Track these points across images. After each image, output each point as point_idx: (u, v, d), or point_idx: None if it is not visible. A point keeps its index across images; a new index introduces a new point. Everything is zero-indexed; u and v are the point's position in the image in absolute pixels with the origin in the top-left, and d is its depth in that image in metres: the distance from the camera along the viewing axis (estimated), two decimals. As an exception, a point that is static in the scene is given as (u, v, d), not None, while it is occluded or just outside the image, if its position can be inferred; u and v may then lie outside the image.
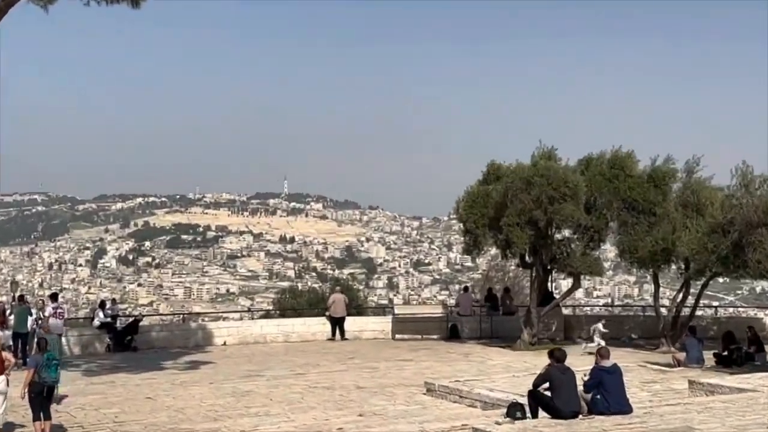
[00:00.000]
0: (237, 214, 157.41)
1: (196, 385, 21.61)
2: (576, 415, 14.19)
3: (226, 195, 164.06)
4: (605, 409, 14.33)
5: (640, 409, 14.75)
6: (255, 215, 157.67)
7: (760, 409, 14.59)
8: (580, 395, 14.57)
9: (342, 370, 24.11)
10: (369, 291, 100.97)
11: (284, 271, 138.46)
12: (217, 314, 51.59)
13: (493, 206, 28.66)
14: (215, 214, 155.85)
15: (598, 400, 14.53)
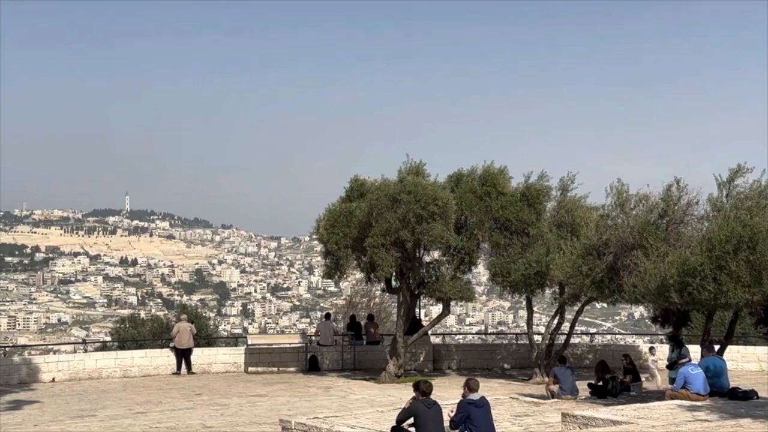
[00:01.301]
0: (71, 233, 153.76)
1: (19, 428, 20.91)
2: (443, 453, 14.38)
3: (59, 212, 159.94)
4: (473, 445, 14.57)
5: (511, 445, 15.06)
6: (92, 234, 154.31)
7: (635, 443, 15.09)
8: (447, 431, 14.77)
9: (188, 408, 23.76)
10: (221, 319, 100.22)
11: (125, 297, 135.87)
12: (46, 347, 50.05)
13: (357, 225, 28.66)
14: (45, 233, 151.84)
15: (465, 436, 14.75)
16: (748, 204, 23.04)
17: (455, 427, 14.89)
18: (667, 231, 24.58)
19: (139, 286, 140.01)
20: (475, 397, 15.08)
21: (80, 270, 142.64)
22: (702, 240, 22.56)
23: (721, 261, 21.29)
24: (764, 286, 21.31)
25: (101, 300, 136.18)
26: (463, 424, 14.84)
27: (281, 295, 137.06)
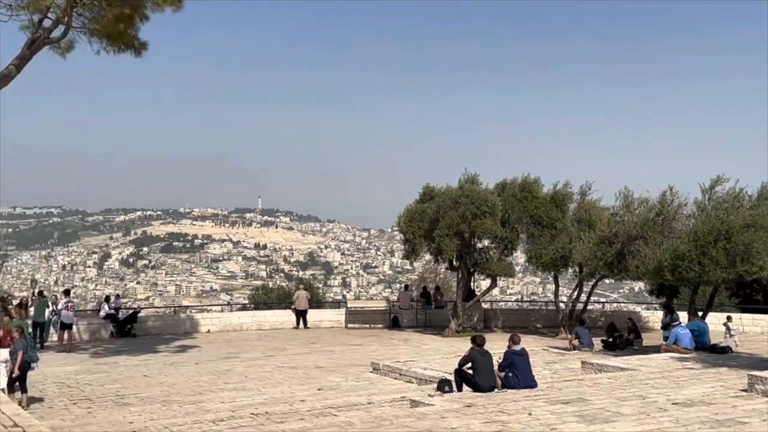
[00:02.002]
0: (219, 225, 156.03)
1: (184, 365, 21.32)
2: (493, 389, 14.28)
3: (211, 210, 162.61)
4: (516, 384, 14.43)
5: (544, 384, 14.88)
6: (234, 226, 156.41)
7: (638, 384, 14.82)
8: (496, 373, 14.66)
9: (305, 353, 23.97)
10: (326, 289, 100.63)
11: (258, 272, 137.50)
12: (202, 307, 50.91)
13: (428, 221, 28.72)
14: (201, 225, 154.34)
15: (510, 378, 14.62)
16: (725, 206, 22.54)
17: (502, 369, 14.78)
18: (663, 225, 24.21)
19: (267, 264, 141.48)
20: (517, 348, 14.95)
21: (226, 252, 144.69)
22: (689, 232, 22.20)
23: (704, 248, 21.00)
24: (737, 267, 20.96)
25: (241, 274, 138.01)
26: (508, 368, 14.72)
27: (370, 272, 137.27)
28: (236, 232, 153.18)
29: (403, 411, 12.85)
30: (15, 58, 19.41)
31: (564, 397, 13.38)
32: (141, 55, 20.98)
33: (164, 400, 16.16)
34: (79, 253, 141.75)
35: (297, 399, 15.63)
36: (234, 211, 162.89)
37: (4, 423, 12.85)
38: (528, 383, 14.48)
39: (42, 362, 21.64)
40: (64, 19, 19.18)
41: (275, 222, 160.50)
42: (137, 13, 19.58)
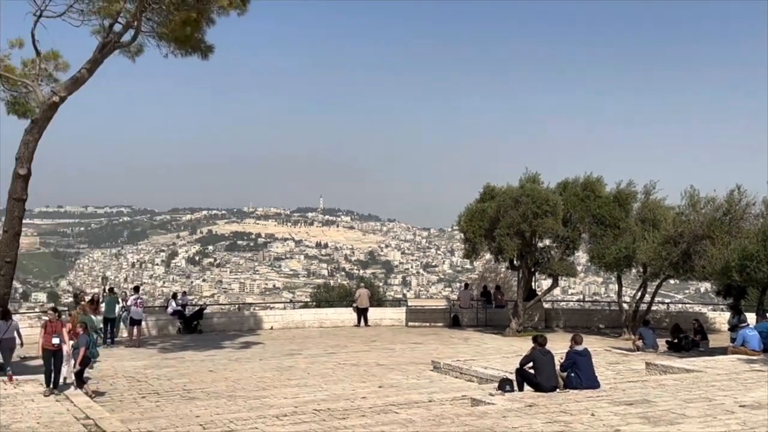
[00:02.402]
0: (282, 224, 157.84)
1: (248, 361, 21.62)
2: (554, 389, 14.11)
3: (274, 209, 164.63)
4: (578, 385, 14.24)
5: (607, 385, 14.64)
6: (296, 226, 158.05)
7: (704, 386, 14.45)
8: (558, 373, 14.49)
9: (365, 351, 24.06)
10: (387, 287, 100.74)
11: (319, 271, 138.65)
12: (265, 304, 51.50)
13: (488, 220, 28.52)
14: (264, 224, 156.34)
15: (572, 378, 14.43)
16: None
17: (564, 369, 14.60)
18: (730, 225, 23.64)
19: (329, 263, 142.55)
20: (579, 348, 14.75)
21: (288, 251, 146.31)
22: (758, 232, 21.58)
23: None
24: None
25: (303, 272, 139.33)
26: (570, 368, 14.53)
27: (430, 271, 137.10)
28: (298, 231, 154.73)
29: (463, 409, 12.80)
30: (87, 62, 19.98)
31: (628, 398, 13.14)
32: (207, 58, 21.37)
33: (229, 394, 16.43)
34: (148, 251, 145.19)
35: (358, 396, 15.72)
36: (296, 211, 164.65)
37: (77, 415, 13.27)
38: (590, 384, 14.26)
39: (112, 357, 22.33)
40: (134, 23, 19.67)
41: (336, 221, 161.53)
42: (203, 16, 19.93)
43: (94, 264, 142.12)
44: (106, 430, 12.07)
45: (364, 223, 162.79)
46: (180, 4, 19.16)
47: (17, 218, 20.07)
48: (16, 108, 21.87)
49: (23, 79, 20.99)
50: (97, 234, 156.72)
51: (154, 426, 12.72)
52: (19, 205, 19.91)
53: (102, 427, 12.24)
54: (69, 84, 19.94)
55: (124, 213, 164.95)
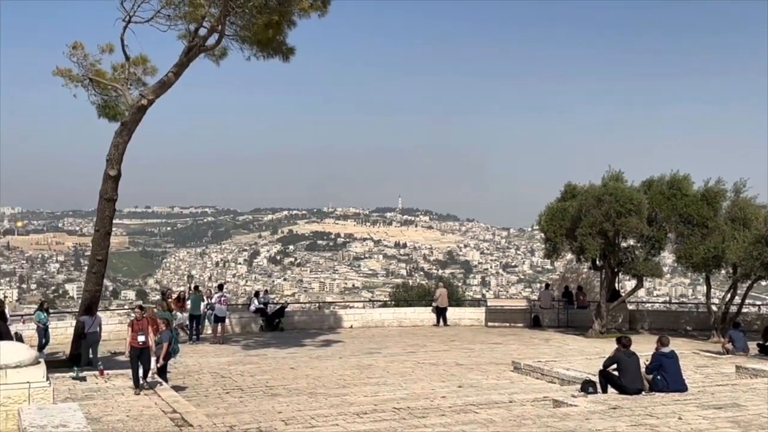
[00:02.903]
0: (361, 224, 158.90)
1: (329, 359, 21.86)
2: (639, 392, 13.78)
3: (353, 209, 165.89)
4: (664, 387, 13.88)
5: (694, 388, 14.22)
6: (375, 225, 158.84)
7: (800, 392, 13.86)
8: (643, 376, 14.15)
9: (445, 350, 24.01)
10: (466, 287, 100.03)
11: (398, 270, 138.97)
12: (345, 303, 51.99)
13: (570, 219, 28.09)
14: (344, 224, 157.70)
15: (658, 380, 14.08)
16: None
17: (650, 372, 14.25)
18: (826, 224, 22.54)
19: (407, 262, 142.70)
20: (666, 350, 14.37)
21: (367, 250, 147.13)
22: None
23: None
24: None
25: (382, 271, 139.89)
26: (656, 370, 14.18)
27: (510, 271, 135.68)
28: (377, 231, 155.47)
29: (545, 411, 12.63)
30: (173, 66, 20.56)
31: (717, 401, 12.72)
32: (288, 60, 21.71)
33: (310, 392, 16.65)
34: (231, 251, 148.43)
35: (438, 395, 15.70)
36: (375, 211, 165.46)
37: (164, 409, 13.68)
38: (677, 386, 13.87)
39: (197, 353, 22.93)
40: (218, 27, 20.14)
41: (415, 221, 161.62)
42: (285, 19, 20.26)
43: (180, 263, 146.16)
44: (192, 423, 12.40)
45: (442, 222, 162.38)
46: (262, 8, 19.52)
47: (108, 218, 20.83)
48: (106, 111, 22.67)
49: (113, 83, 21.74)
50: (182, 233, 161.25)
51: (238, 421, 13.00)
52: (109, 205, 20.65)
53: (188, 421, 12.59)
54: (156, 87, 20.57)
55: (208, 213, 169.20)
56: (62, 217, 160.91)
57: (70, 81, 21.53)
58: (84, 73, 21.58)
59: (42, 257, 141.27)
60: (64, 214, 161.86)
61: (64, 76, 21.42)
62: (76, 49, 21.24)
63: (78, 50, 21.26)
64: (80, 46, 21.26)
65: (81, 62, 21.42)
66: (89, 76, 21.65)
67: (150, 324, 15.96)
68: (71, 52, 21.25)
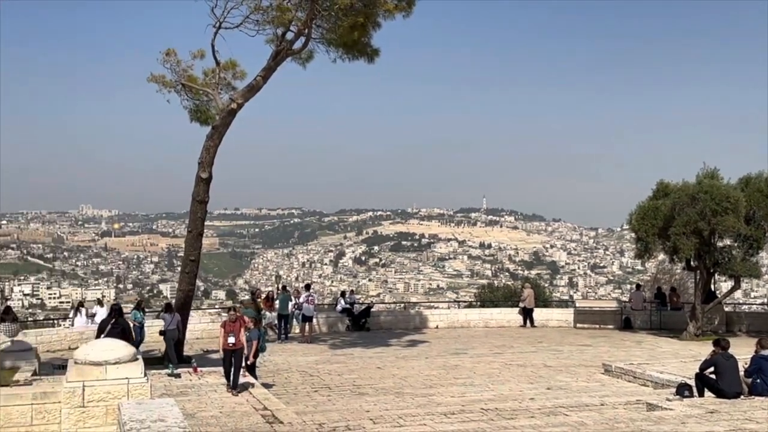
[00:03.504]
0: (445, 225, 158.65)
1: (415, 359, 21.86)
2: (738, 396, 13.28)
3: (437, 210, 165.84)
4: (764, 391, 13.33)
5: (798, 394, 13.57)
6: (459, 226, 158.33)
7: None
8: (742, 379, 13.62)
9: (532, 352, 23.69)
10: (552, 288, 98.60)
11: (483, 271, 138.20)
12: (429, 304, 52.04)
13: (662, 218, 27.25)
14: (428, 224, 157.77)
15: (757, 384, 13.53)
16: None
17: (749, 375, 13.71)
18: None
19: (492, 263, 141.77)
20: (766, 353, 13.78)
21: (451, 251, 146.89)
22: None
23: None
24: None
25: (466, 272, 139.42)
26: (756, 373, 13.63)
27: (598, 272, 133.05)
28: (461, 232, 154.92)
29: (638, 414, 12.31)
30: (261, 70, 20.99)
31: (823, 409, 12.12)
32: (373, 62, 21.85)
33: (397, 391, 16.69)
34: (317, 251, 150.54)
35: (526, 397, 15.50)
36: (459, 211, 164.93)
37: (255, 406, 13.96)
38: (779, 391, 13.29)
39: (286, 352, 23.33)
40: (305, 30, 20.44)
41: (500, 221, 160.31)
42: (370, 20, 20.40)
43: (268, 263, 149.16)
44: (283, 421, 12.61)
45: (528, 223, 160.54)
46: (348, 10, 19.69)
47: (200, 219, 21.43)
48: (198, 116, 23.27)
49: (204, 88, 22.31)
50: (270, 235, 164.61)
51: (327, 419, 13.14)
52: (201, 207, 21.23)
53: (279, 418, 12.81)
54: (245, 91, 21.03)
55: (295, 215, 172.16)
56: (156, 219, 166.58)
57: (163, 87, 22.17)
58: (177, 78, 22.18)
59: (137, 258, 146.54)
60: (158, 216, 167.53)
61: (158, 82, 22.08)
62: (169, 55, 21.87)
63: (171, 57, 21.88)
64: (173, 52, 21.87)
65: (174, 68, 22.05)
66: (182, 82, 22.24)
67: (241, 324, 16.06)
68: (164, 59, 21.90)
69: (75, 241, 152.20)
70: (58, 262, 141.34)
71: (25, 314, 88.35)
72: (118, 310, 18.89)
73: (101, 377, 10.24)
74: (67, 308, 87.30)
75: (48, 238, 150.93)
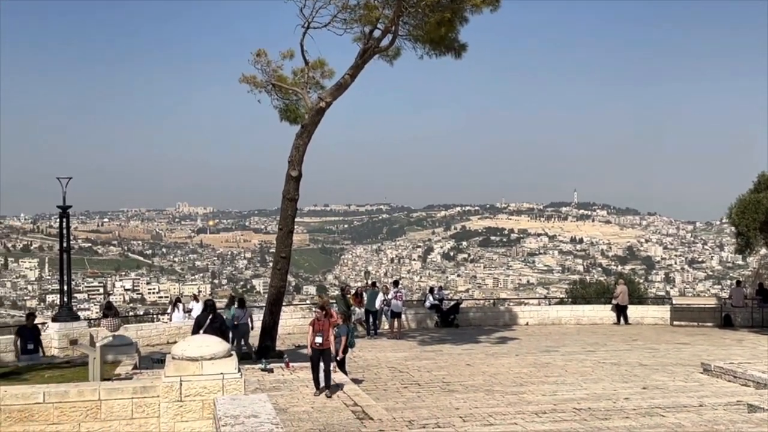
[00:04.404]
0: (535, 219, 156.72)
1: (505, 356, 21.65)
2: None
3: (526, 204, 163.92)
4: None
5: None
6: (549, 221, 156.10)
7: None
8: None
9: (626, 350, 23.10)
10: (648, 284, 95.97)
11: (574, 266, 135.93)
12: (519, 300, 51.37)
13: (764, 212, 26.15)
14: (517, 219, 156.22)
15: None
16: None
17: None
18: None
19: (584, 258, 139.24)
20: None
21: (541, 246, 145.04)
22: None
23: None
24: None
25: (557, 268, 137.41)
26: None
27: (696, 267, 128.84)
28: (552, 227, 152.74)
29: (739, 416, 11.84)
30: (349, 68, 21.14)
31: None
32: (460, 57, 21.68)
33: (487, 389, 16.55)
34: (405, 247, 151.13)
35: (620, 397, 15.12)
36: (549, 206, 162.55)
37: (346, 402, 14.11)
38: None
39: (375, 348, 23.49)
40: (391, 28, 20.47)
41: (591, 215, 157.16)
42: (457, 16, 20.25)
43: (357, 259, 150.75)
44: (373, 417, 12.71)
45: (621, 216, 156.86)
46: (435, 6, 19.62)
47: (290, 217, 21.78)
48: (287, 115, 23.64)
49: (294, 87, 22.66)
50: (358, 231, 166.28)
51: (416, 416, 13.17)
52: (291, 204, 21.58)
53: (369, 414, 12.91)
54: (334, 90, 21.23)
55: (383, 210, 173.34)
56: (249, 216, 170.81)
57: (254, 87, 22.64)
58: (267, 79, 22.60)
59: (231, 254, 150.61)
60: (251, 213, 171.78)
61: (249, 82, 22.56)
62: (260, 56, 22.30)
63: (261, 57, 22.31)
64: (263, 53, 22.30)
65: (264, 69, 22.47)
66: (272, 82, 22.65)
67: (330, 323, 15.78)
68: (255, 60, 22.34)
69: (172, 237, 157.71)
70: (156, 258, 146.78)
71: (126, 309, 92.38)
72: (212, 306, 19.39)
73: (197, 372, 10.53)
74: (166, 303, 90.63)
75: (147, 235, 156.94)
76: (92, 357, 15.20)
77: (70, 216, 23.52)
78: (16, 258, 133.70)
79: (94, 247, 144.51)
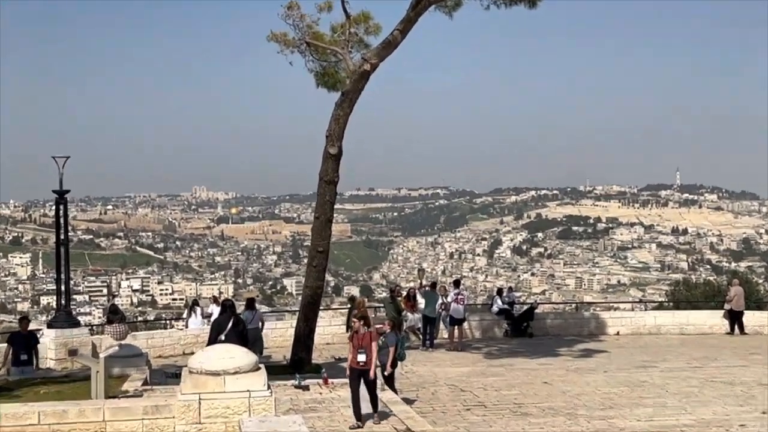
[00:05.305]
0: (627, 205, 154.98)
1: (591, 373, 21.49)
2: None
3: (616, 187, 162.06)
4: None
5: None
6: (645, 207, 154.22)
7: None
8: None
9: (742, 365, 22.75)
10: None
11: (676, 263, 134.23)
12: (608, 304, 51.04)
13: None
14: (605, 206, 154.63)
15: None
16: None
17: None
18: None
19: (689, 253, 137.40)
20: None
21: (635, 238, 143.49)
22: None
23: None
24: None
25: (655, 265, 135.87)
26: None
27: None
28: (648, 214, 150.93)
29: None
30: (399, 22, 21.04)
31: None
32: (535, 6, 21.43)
33: (569, 412, 16.49)
34: (467, 240, 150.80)
35: (735, 423, 15.01)
36: (645, 189, 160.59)
37: (396, 426, 14.15)
38: None
39: (431, 361, 23.53)
40: (452, -28, 20.40)
41: (698, 201, 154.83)
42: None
43: (409, 254, 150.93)
44: (429, 444, 12.74)
45: (735, 202, 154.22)
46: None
47: (329, 203, 21.82)
48: (325, 80, 23.63)
49: (332, 46, 22.60)
50: (411, 220, 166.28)
51: (482, 444, 13.16)
52: (330, 188, 21.60)
53: (425, 442, 12.94)
54: (380, 49, 21.16)
55: (440, 195, 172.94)
56: (278, 202, 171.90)
57: (285, 47, 22.69)
58: (300, 36, 22.60)
59: (258, 248, 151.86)
60: (281, 199, 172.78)
61: (279, 41, 22.62)
62: (292, 9, 22.33)
63: (293, 10, 22.34)
64: (296, 5, 22.33)
65: (297, 24, 22.48)
66: (306, 40, 22.64)
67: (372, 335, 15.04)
68: (286, 13, 22.37)
69: (188, 228, 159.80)
70: (169, 252, 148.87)
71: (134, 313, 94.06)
72: (231, 307, 19.54)
73: (219, 389, 10.67)
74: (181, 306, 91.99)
75: (158, 225, 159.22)
76: (95, 370, 15.49)
77: (68, 202, 23.95)
78: (5, 252, 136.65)
79: (96, 240, 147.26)
